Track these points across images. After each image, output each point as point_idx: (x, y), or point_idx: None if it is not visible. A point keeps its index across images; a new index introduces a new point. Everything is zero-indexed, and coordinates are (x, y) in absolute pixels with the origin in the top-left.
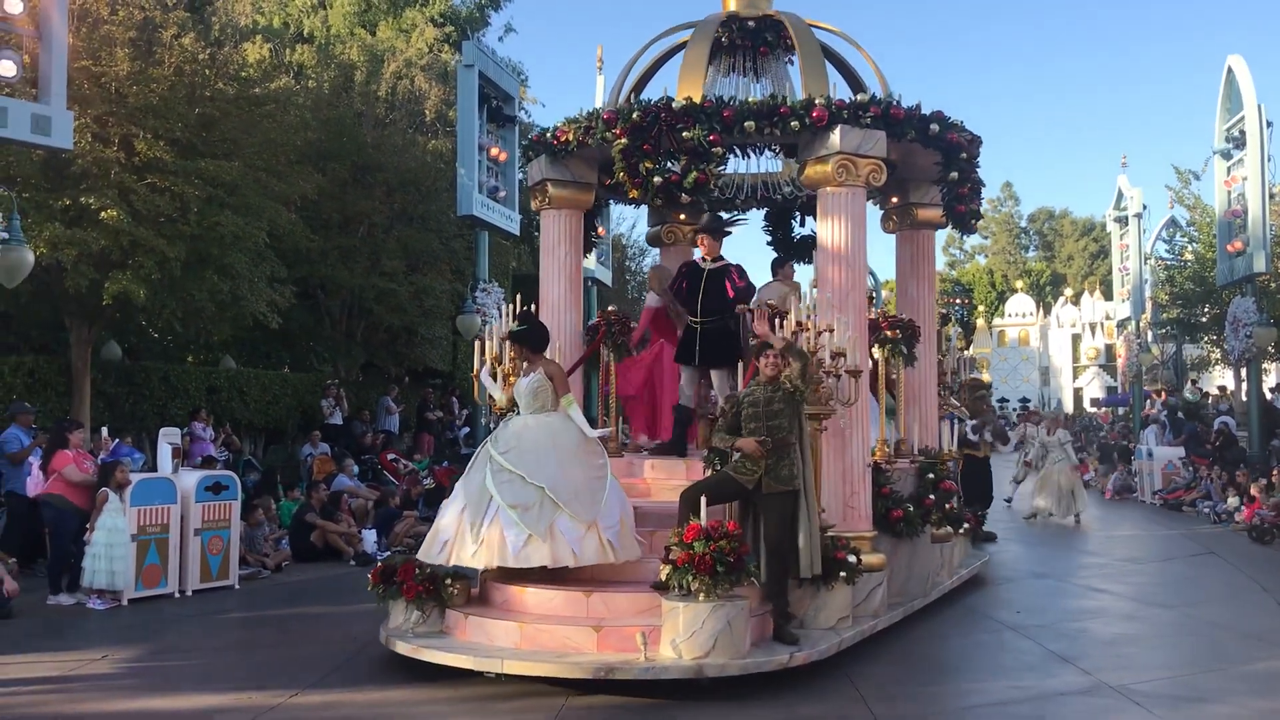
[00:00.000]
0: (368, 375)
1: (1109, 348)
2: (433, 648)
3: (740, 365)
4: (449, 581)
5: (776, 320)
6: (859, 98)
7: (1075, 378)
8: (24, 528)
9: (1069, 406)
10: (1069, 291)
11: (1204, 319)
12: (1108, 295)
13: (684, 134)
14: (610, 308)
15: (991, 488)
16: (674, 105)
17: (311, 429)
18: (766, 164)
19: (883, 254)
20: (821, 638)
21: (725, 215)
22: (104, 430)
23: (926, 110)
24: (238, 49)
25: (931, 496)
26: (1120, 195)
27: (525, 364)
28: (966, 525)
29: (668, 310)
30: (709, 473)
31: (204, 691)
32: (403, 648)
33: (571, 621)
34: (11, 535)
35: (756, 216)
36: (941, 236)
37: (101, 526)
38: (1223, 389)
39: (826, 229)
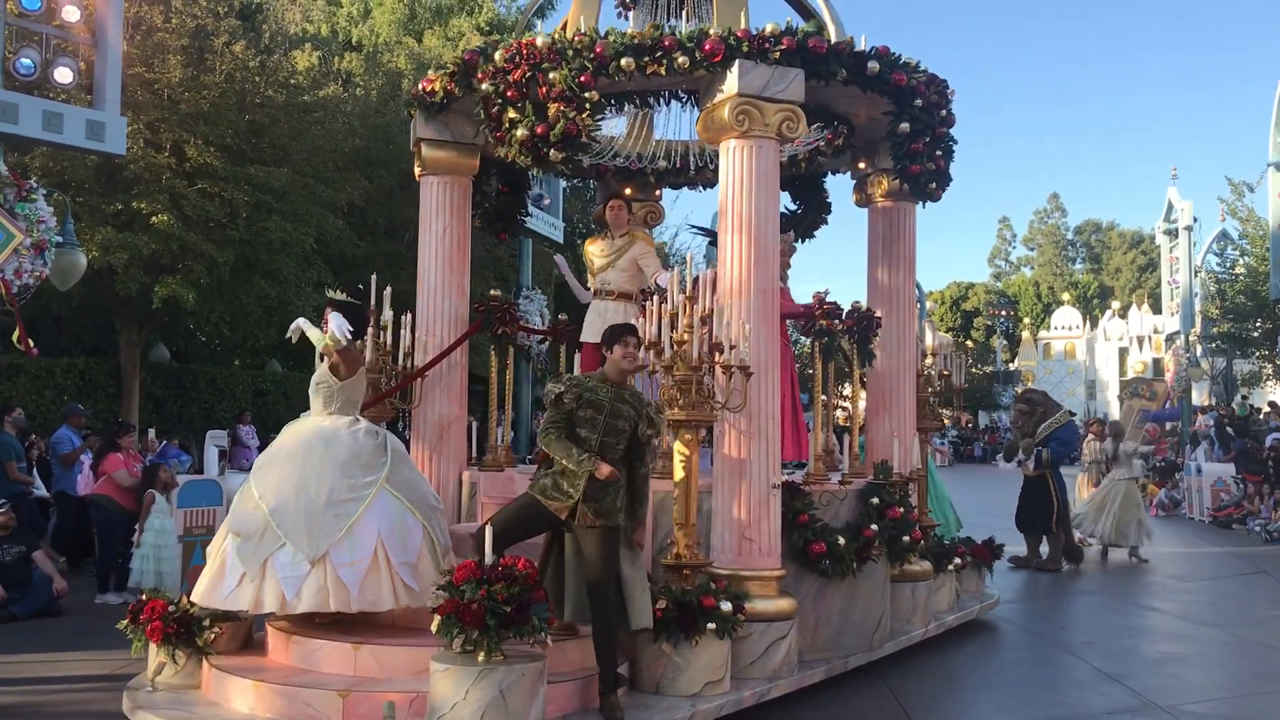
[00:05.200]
0: None
1: (1157, 362)
2: (147, 707)
3: None
4: (206, 624)
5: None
6: (767, 27)
7: (1122, 392)
8: (74, 527)
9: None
10: (1116, 304)
11: (1256, 333)
12: (1156, 309)
13: (551, 75)
14: (492, 291)
15: (1051, 508)
16: (538, 42)
17: None
18: None
19: (933, 257)
20: (672, 708)
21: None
22: (151, 432)
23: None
24: (287, 57)
25: (874, 526)
26: (1170, 207)
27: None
28: (959, 561)
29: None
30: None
31: None
32: (125, 704)
33: (324, 682)
34: (62, 534)
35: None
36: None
37: (149, 528)
38: (1274, 404)
39: (726, 191)
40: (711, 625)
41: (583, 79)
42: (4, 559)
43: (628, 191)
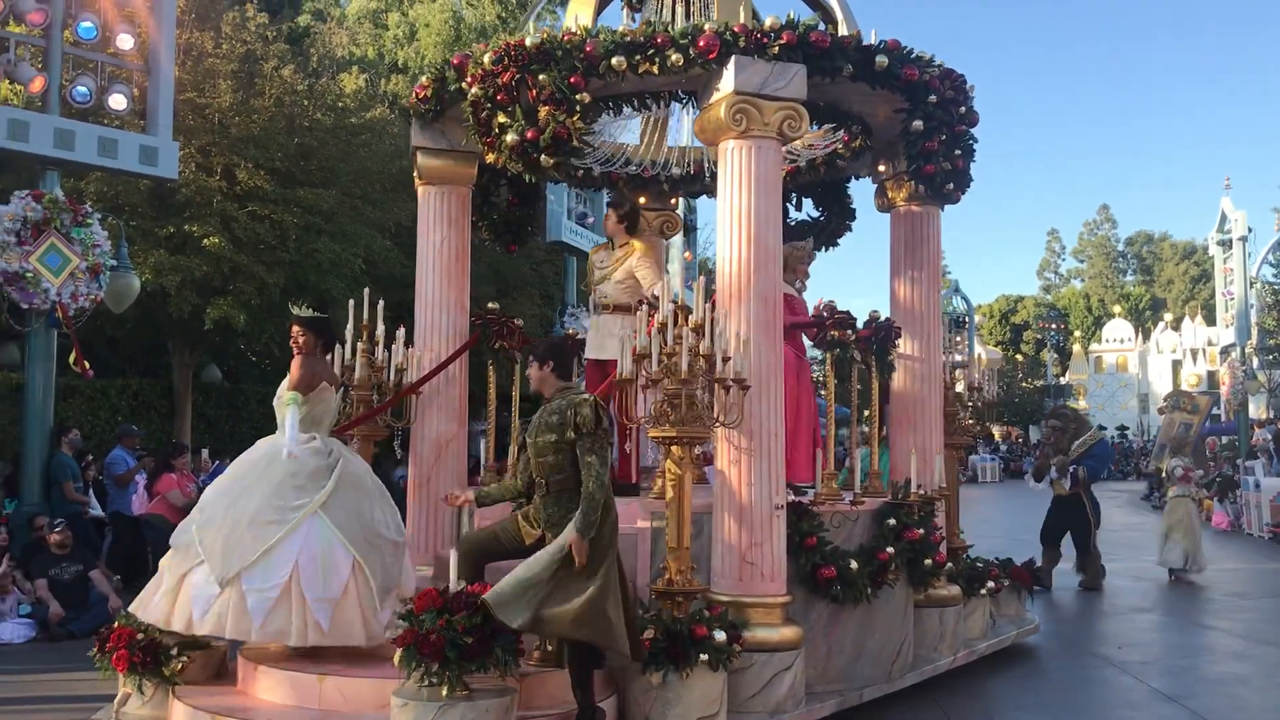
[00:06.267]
0: None
1: (1212, 374)
2: None
3: None
4: (174, 652)
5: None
6: (766, 21)
7: (1163, 405)
8: (128, 546)
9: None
10: (1169, 316)
11: None
12: (1210, 320)
13: (540, 76)
14: (491, 305)
15: (1088, 527)
16: (527, 43)
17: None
18: None
19: (971, 266)
20: None
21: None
22: (204, 452)
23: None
24: (334, 80)
25: (890, 549)
26: (1224, 218)
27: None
28: (991, 584)
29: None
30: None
31: None
32: None
33: (286, 716)
34: (116, 553)
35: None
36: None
37: None
38: None
39: (724, 196)
40: (704, 656)
41: (573, 80)
42: (62, 577)
43: (642, 200)
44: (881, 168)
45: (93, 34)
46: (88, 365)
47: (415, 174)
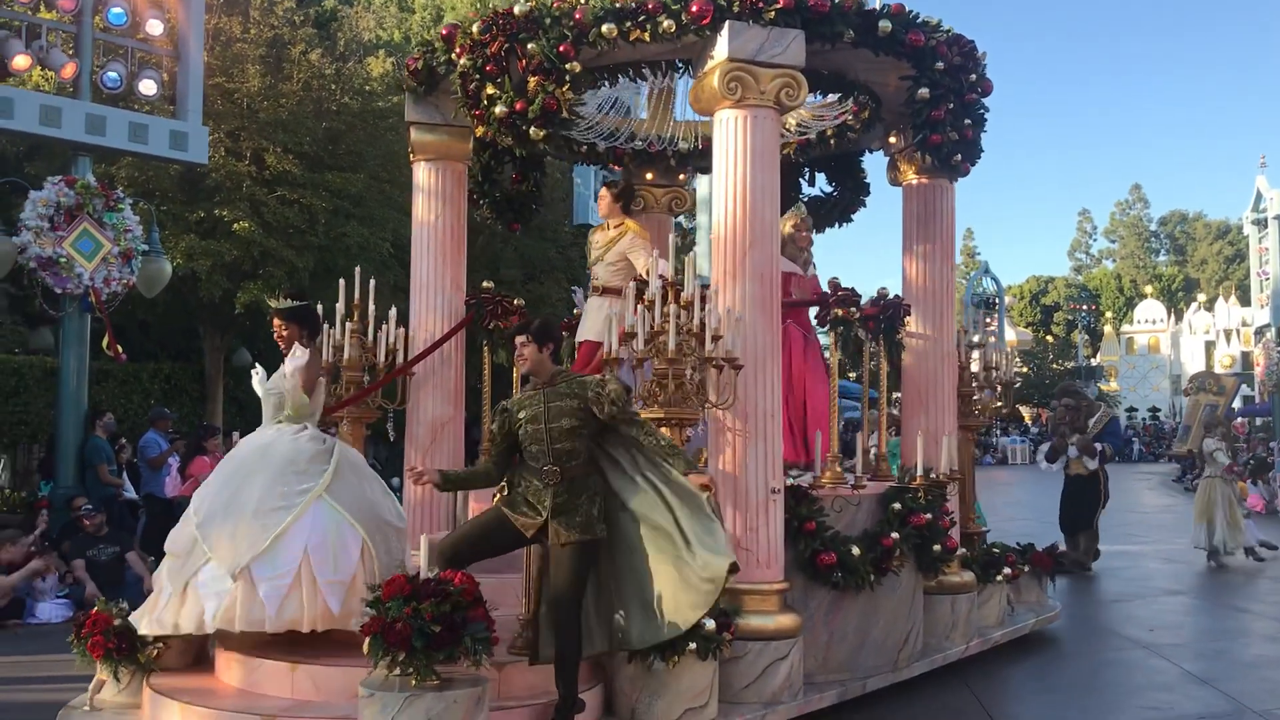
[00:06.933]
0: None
1: (1246, 355)
2: None
3: None
4: (149, 639)
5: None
6: None
7: (1188, 386)
8: (162, 528)
9: None
10: (1202, 297)
11: None
12: (1244, 301)
13: (529, 46)
14: (485, 284)
15: (1098, 505)
16: (515, 11)
17: None
18: None
19: (1010, 259)
20: None
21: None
22: (235, 434)
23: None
24: (362, 64)
25: (894, 534)
26: (1259, 196)
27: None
28: (1009, 570)
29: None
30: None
31: None
32: None
33: (255, 705)
34: (150, 535)
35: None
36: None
37: None
38: None
39: (720, 168)
40: (692, 645)
41: (562, 49)
42: (100, 558)
43: (648, 177)
44: (893, 140)
45: (123, 20)
46: (120, 349)
47: (409, 150)
